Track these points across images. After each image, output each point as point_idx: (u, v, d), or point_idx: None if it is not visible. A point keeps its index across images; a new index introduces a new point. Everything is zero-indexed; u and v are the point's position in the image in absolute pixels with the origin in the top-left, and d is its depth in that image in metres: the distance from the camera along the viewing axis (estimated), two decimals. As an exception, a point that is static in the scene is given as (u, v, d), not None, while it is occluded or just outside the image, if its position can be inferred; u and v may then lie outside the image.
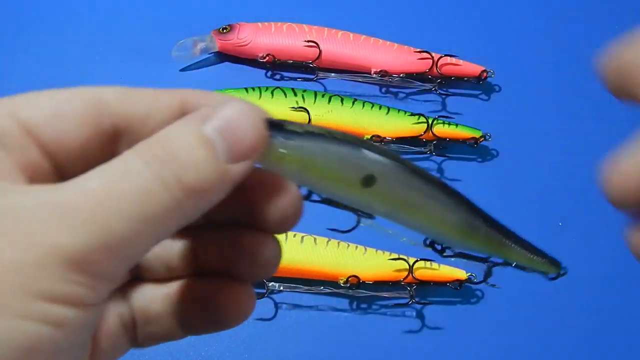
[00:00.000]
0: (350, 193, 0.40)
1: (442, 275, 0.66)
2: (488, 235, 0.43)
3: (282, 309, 0.66)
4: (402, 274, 0.65)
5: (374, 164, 0.39)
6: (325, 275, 0.65)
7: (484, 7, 0.86)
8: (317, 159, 0.37)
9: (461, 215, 0.43)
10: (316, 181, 0.38)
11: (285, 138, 0.36)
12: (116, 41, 0.80)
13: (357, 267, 0.65)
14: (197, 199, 0.30)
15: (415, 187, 0.41)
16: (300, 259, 0.65)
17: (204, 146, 0.30)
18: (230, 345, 0.64)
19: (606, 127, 0.78)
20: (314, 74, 0.79)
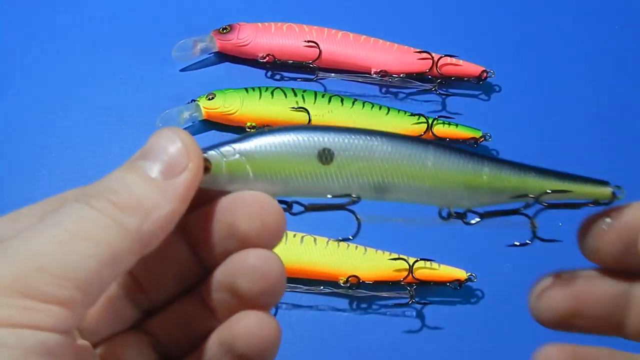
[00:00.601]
0: (314, 176, 0.39)
1: (442, 275, 0.66)
2: (498, 173, 0.41)
3: (282, 309, 0.66)
4: (402, 274, 0.65)
5: (321, 136, 0.38)
6: (325, 275, 0.65)
7: (484, 8, 0.86)
8: (264, 152, 0.37)
9: (455, 162, 0.40)
10: (275, 176, 0.38)
11: (224, 148, 0.36)
12: (116, 41, 0.80)
13: (357, 267, 0.65)
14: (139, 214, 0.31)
15: (380, 148, 0.39)
16: (300, 259, 0.65)
17: (134, 171, 0.32)
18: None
19: (606, 127, 0.78)
20: (314, 74, 0.79)
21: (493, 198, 0.42)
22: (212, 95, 0.74)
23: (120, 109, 0.76)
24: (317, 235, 0.66)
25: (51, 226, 0.29)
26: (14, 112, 0.76)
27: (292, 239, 0.66)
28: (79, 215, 0.29)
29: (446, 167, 0.40)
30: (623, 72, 0.82)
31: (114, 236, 0.29)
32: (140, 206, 0.31)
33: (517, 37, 0.84)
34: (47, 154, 0.73)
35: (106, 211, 0.30)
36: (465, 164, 0.40)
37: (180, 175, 0.32)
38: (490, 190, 0.41)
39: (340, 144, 0.39)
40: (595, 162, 0.76)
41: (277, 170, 0.39)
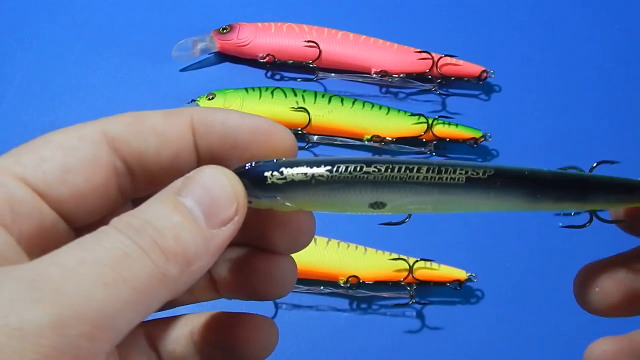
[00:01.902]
0: (367, 212, 0.37)
1: (442, 276, 0.66)
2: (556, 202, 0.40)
3: (282, 309, 0.66)
4: (402, 274, 0.65)
5: (374, 189, 0.35)
6: (325, 275, 0.65)
7: (484, 8, 0.86)
8: (311, 203, 0.35)
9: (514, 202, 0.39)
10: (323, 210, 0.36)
11: (269, 195, 0.33)
12: (116, 41, 0.80)
13: (357, 267, 0.65)
14: (181, 264, 0.28)
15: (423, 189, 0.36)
16: (301, 259, 0.65)
17: (180, 212, 0.29)
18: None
19: (606, 127, 0.78)
20: (314, 74, 0.79)
21: None
22: (212, 95, 0.74)
23: (121, 109, 0.75)
24: (317, 235, 0.66)
25: (95, 262, 0.26)
26: (14, 112, 0.76)
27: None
28: (124, 252, 0.27)
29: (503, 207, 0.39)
30: (623, 71, 0.82)
31: (154, 284, 0.27)
32: (184, 256, 0.28)
33: (517, 37, 0.84)
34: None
35: (152, 255, 0.28)
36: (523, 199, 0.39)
37: (225, 227, 0.30)
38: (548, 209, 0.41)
39: (391, 194, 0.36)
40: (595, 161, 0.76)
41: (325, 209, 0.37)
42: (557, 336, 0.66)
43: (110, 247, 0.27)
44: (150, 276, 0.27)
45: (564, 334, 0.66)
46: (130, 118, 0.34)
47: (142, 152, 0.33)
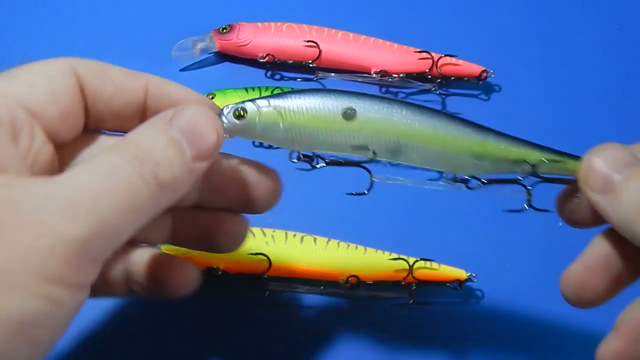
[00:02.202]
0: (338, 131, 0.46)
1: (442, 275, 0.66)
2: (501, 144, 0.48)
3: (283, 310, 0.66)
4: (402, 274, 0.65)
5: (347, 98, 0.46)
6: (325, 275, 0.65)
7: (484, 8, 0.86)
8: (295, 107, 0.46)
9: (464, 130, 0.46)
10: (303, 129, 0.46)
11: (260, 101, 0.45)
12: (116, 41, 0.81)
13: (357, 267, 0.65)
14: (170, 192, 0.37)
15: (398, 112, 0.46)
16: (300, 259, 0.65)
17: (173, 147, 0.37)
18: (230, 345, 0.64)
19: (606, 127, 0.78)
20: (314, 74, 0.79)
21: (495, 166, 0.48)
22: (212, 95, 0.74)
23: (120, 109, 0.76)
24: (317, 235, 0.66)
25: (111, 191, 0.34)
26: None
27: (292, 239, 0.66)
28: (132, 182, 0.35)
29: (456, 134, 0.47)
30: (623, 71, 0.82)
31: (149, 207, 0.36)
32: (173, 186, 0.37)
33: (517, 37, 0.84)
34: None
35: (150, 184, 0.35)
36: (473, 133, 0.47)
37: (203, 163, 0.39)
38: (493, 158, 0.48)
39: (362, 105, 0.46)
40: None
41: (305, 123, 0.46)
42: (557, 335, 0.66)
43: (121, 177, 0.34)
44: (149, 202, 0.35)
45: (564, 333, 0.66)
46: (95, 65, 0.41)
47: (98, 94, 0.41)
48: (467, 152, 0.47)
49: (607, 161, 0.42)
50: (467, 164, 0.48)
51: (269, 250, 0.63)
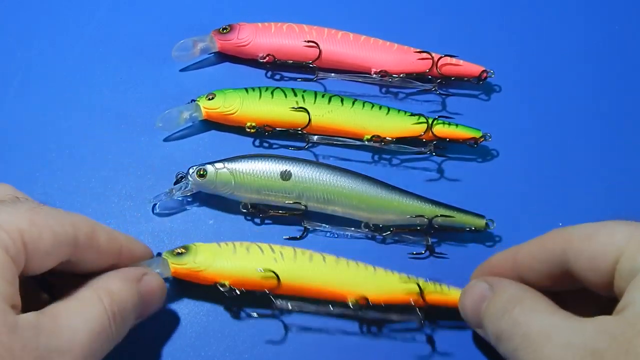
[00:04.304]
0: (277, 188, 0.67)
1: (453, 299, 0.63)
2: (406, 201, 0.67)
3: (291, 332, 0.64)
4: (412, 296, 0.63)
5: (284, 162, 0.67)
6: (333, 295, 0.64)
7: (484, 8, 0.86)
8: (244, 169, 0.67)
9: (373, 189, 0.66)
10: (250, 186, 0.67)
11: (217, 164, 0.67)
12: (116, 41, 0.81)
13: (366, 287, 0.63)
14: None
15: (325, 174, 0.67)
16: (309, 277, 0.63)
17: (135, 310, 0.53)
18: (230, 345, 0.64)
19: (606, 127, 0.78)
20: (314, 74, 0.79)
21: (399, 217, 0.68)
22: (212, 95, 0.74)
23: (121, 109, 0.76)
24: (325, 254, 0.65)
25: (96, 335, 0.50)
26: (14, 112, 0.76)
27: (301, 256, 0.64)
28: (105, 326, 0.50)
29: (370, 192, 0.68)
30: (624, 71, 0.82)
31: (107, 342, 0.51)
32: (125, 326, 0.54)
33: (517, 37, 0.84)
34: (47, 154, 0.73)
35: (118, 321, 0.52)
36: (382, 191, 0.68)
37: None
38: (397, 212, 0.68)
39: (297, 168, 0.67)
40: (595, 161, 0.76)
41: (251, 181, 0.67)
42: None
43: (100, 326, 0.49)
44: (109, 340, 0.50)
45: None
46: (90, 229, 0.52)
47: (83, 260, 0.52)
48: (379, 205, 0.67)
49: (471, 302, 0.56)
50: (377, 215, 0.67)
51: (277, 267, 0.62)
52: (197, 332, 0.64)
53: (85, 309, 0.48)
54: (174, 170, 0.70)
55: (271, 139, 0.75)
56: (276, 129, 0.73)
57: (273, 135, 0.74)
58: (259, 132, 0.74)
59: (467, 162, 0.75)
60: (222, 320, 0.64)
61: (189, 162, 0.70)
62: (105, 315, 0.48)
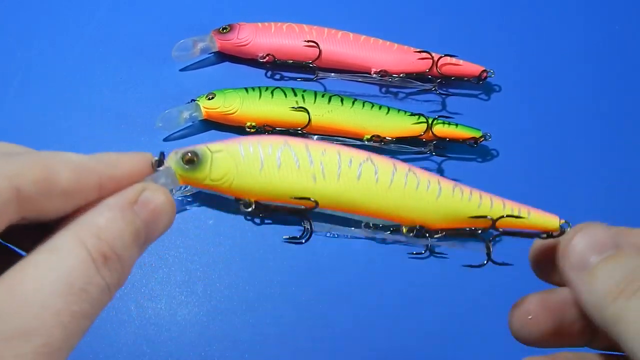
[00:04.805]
0: None
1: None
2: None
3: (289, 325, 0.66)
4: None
5: None
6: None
7: (484, 8, 0.86)
8: None
9: None
10: None
11: None
12: (116, 41, 0.81)
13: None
14: None
15: None
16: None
17: (136, 244, 0.37)
18: (230, 345, 0.64)
19: (606, 127, 0.78)
20: (314, 74, 0.79)
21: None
22: (212, 95, 0.74)
23: (121, 109, 0.76)
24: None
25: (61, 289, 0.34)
26: (15, 112, 0.76)
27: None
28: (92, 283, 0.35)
29: None
30: (623, 71, 0.82)
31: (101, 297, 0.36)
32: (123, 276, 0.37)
33: (517, 37, 0.84)
34: (47, 154, 0.73)
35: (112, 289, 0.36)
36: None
37: None
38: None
39: None
40: (595, 161, 0.76)
41: None
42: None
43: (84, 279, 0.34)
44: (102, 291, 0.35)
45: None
46: (42, 172, 0.36)
47: (46, 209, 0.37)
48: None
49: (587, 241, 0.42)
50: None
51: None
52: (197, 332, 0.64)
53: (58, 262, 0.34)
54: (173, 170, 0.70)
55: (271, 138, 0.75)
56: (276, 129, 0.73)
57: (273, 135, 0.74)
58: (259, 132, 0.74)
59: (467, 162, 0.76)
60: (222, 321, 0.65)
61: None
62: (90, 261, 0.35)
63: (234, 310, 0.65)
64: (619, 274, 0.39)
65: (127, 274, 0.37)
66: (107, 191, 0.39)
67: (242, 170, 0.42)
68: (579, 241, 0.42)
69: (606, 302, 0.39)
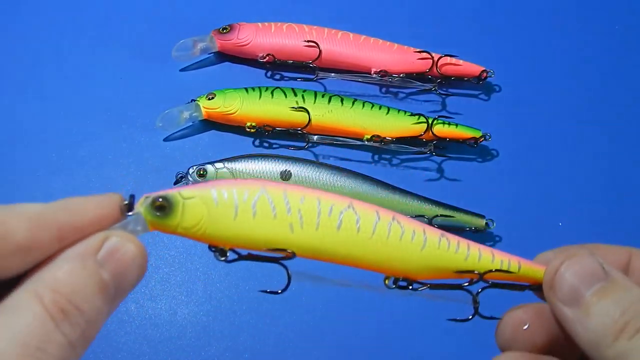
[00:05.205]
0: None
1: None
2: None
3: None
4: None
5: (286, 163, 0.59)
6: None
7: (484, 8, 0.86)
8: (247, 171, 0.53)
9: None
10: None
11: (225, 165, 0.51)
12: (116, 41, 0.80)
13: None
14: None
15: (325, 176, 0.58)
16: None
17: (103, 295, 0.34)
18: (230, 346, 0.64)
19: (606, 126, 0.78)
20: (314, 74, 0.79)
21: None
22: (212, 95, 0.74)
23: (120, 109, 0.76)
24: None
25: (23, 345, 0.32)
26: (15, 112, 0.76)
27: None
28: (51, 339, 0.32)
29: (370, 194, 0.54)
30: (623, 71, 0.82)
31: None
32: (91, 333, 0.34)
33: (517, 37, 0.84)
34: (47, 154, 0.73)
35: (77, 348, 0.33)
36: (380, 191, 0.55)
37: None
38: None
39: (296, 168, 0.56)
40: (595, 161, 0.76)
41: None
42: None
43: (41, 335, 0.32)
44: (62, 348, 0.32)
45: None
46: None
47: (2, 268, 0.34)
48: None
49: (575, 272, 0.39)
50: None
51: None
52: (197, 332, 0.64)
53: (14, 321, 0.32)
54: (174, 170, 0.70)
55: (271, 138, 0.75)
56: (276, 129, 0.73)
57: (273, 135, 0.74)
58: (259, 132, 0.74)
59: (467, 162, 0.75)
60: (222, 321, 0.65)
61: (189, 162, 0.70)
62: (47, 318, 0.32)
63: (234, 310, 0.65)
64: (616, 310, 0.37)
65: (95, 328, 0.34)
66: (69, 242, 0.36)
67: (215, 218, 0.40)
68: (566, 273, 0.40)
69: (606, 341, 0.37)
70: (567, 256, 0.40)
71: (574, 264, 0.40)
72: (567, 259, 0.40)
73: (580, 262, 0.40)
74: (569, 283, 0.39)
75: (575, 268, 0.40)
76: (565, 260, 0.40)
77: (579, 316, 0.38)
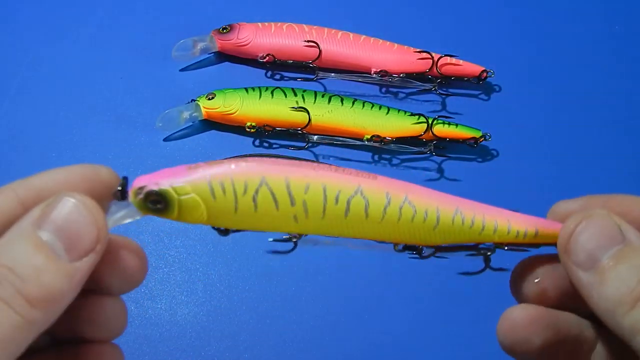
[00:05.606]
0: None
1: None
2: None
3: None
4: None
5: None
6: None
7: (484, 7, 0.86)
8: None
9: None
10: None
11: None
12: (116, 41, 0.81)
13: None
14: (49, 305, 0.30)
15: None
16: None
17: (42, 252, 0.30)
18: (230, 345, 0.64)
19: (606, 127, 0.78)
20: (314, 74, 0.79)
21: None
22: (212, 95, 0.74)
23: (120, 109, 0.76)
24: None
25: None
26: (15, 112, 0.76)
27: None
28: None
29: None
30: (623, 72, 0.82)
31: (20, 332, 0.28)
32: (49, 298, 0.29)
33: (517, 37, 0.84)
34: (47, 154, 0.73)
35: (15, 306, 0.29)
36: None
37: (86, 258, 0.31)
38: None
39: None
40: (595, 161, 0.76)
41: None
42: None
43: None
44: (15, 327, 0.28)
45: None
46: None
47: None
48: None
49: (591, 234, 0.38)
50: None
51: None
52: (197, 332, 0.64)
53: None
54: (174, 170, 0.70)
55: (271, 138, 0.75)
56: (276, 129, 0.73)
57: (273, 135, 0.74)
58: (259, 132, 0.74)
59: (467, 162, 0.76)
60: (222, 321, 0.65)
61: (188, 162, 0.69)
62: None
63: (234, 310, 0.65)
64: (632, 277, 0.35)
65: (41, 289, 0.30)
66: None
67: (215, 212, 0.40)
68: (581, 236, 0.38)
69: (622, 310, 0.35)
70: (583, 216, 0.39)
71: (589, 226, 0.38)
72: (582, 219, 0.39)
73: (596, 223, 0.38)
74: (584, 247, 0.38)
75: (590, 231, 0.38)
76: (580, 221, 0.39)
77: (594, 281, 0.37)
